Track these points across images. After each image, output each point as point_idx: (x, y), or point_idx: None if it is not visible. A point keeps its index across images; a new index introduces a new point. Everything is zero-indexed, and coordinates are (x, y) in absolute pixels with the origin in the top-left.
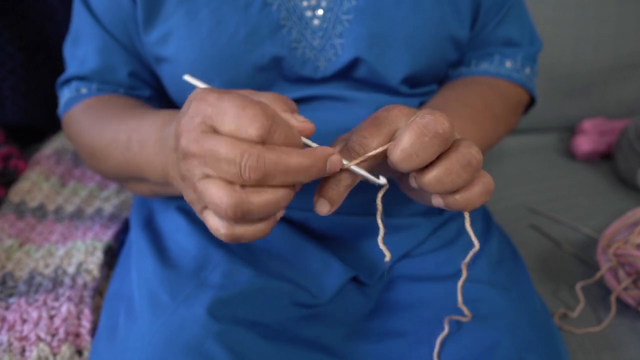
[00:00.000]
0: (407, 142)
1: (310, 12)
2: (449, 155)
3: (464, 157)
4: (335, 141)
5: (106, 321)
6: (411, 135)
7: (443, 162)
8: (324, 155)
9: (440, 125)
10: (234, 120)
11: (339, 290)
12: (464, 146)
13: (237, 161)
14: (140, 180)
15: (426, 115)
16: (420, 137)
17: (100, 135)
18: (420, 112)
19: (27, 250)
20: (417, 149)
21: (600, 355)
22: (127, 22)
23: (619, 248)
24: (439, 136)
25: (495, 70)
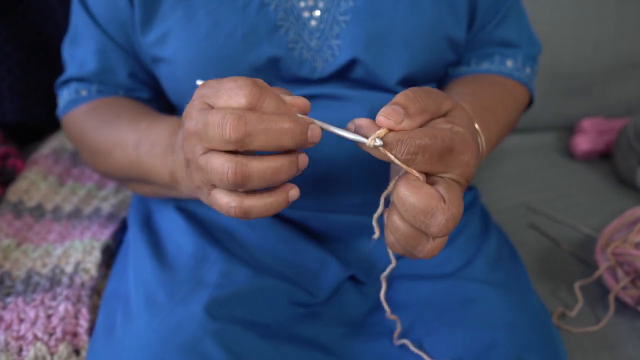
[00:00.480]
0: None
1: (307, 13)
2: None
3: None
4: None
5: (103, 320)
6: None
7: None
8: (305, 122)
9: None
10: (227, 93)
11: (337, 289)
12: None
13: (219, 123)
14: (144, 181)
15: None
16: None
17: (106, 137)
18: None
19: (25, 250)
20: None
21: (599, 354)
22: (125, 23)
23: (617, 247)
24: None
25: (497, 69)
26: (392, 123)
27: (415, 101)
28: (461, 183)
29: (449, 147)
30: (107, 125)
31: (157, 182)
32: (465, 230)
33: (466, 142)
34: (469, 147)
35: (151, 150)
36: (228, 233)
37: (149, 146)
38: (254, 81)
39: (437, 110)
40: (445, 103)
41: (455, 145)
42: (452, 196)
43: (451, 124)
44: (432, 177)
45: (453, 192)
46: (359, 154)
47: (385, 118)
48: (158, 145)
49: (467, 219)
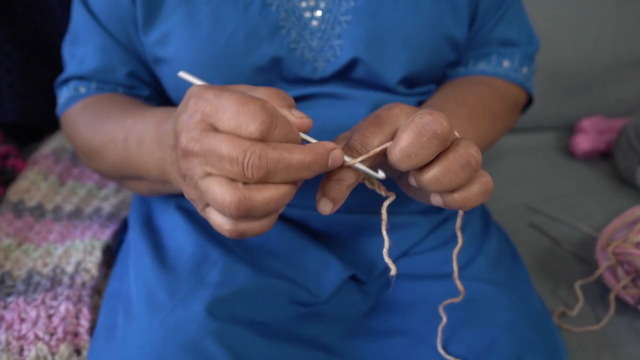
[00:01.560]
0: (406, 142)
1: (309, 13)
2: (448, 155)
3: (462, 157)
4: (336, 139)
5: (104, 320)
6: (410, 135)
7: (442, 162)
8: (326, 151)
9: (439, 125)
10: (234, 118)
11: (338, 289)
12: (463, 146)
13: (240, 160)
14: (138, 178)
15: (425, 115)
16: (418, 137)
17: (97, 134)
18: (420, 112)
19: (26, 250)
20: (416, 148)
21: (600, 353)
22: (126, 22)
23: (618, 246)
24: (437, 136)
25: (492, 70)
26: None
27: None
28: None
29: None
30: (98, 123)
31: (148, 177)
32: (466, 229)
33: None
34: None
35: (139, 148)
36: None
37: (136, 144)
38: (264, 107)
39: (394, 129)
40: (398, 117)
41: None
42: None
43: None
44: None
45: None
46: None
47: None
48: (144, 142)
49: (467, 219)
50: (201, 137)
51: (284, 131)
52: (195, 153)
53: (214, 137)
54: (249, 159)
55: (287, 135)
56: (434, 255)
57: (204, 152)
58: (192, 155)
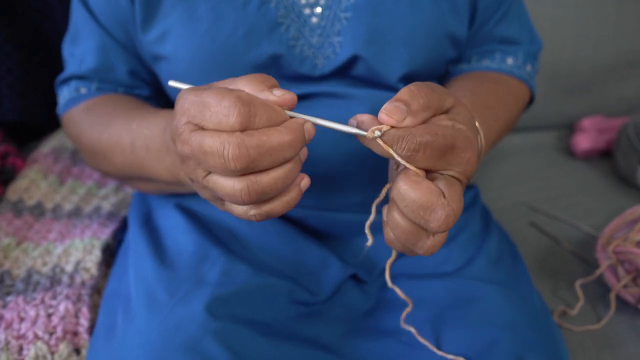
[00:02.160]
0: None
1: (308, 10)
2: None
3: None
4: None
5: (104, 319)
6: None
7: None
8: (299, 126)
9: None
10: (215, 115)
11: (338, 288)
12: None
13: (220, 152)
14: (147, 179)
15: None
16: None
17: (103, 137)
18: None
19: (25, 249)
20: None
21: (600, 353)
22: (125, 21)
23: (618, 245)
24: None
25: (497, 66)
26: (394, 121)
27: (418, 97)
28: (461, 180)
29: (450, 144)
30: (104, 125)
31: (159, 180)
32: (466, 229)
33: (468, 139)
34: (471, 145)
35: (147, 152)
36: (229, 231)
37: (143, 149)
38: (240, 98)
39: (440, 106)
40: (448, 100)
41: (457, 142)
42: (452, 192)
43: (453, 121)
44: (432, 173)
45: (453, 188)
46: (360, 153)
47: (387, 116)
48: (152, 148)
49: (467, 218)
50: (189, 138)
51: (266, 115)
52: (189, 155)
53: (198, 136)
54: (228, 150)
55: (270, 118)
56: (434, 254)
57: (193, 153)
58: (187, 158)
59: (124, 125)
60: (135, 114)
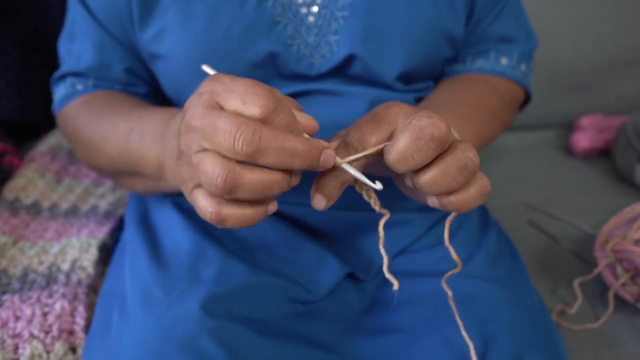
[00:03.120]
0: (403, 145)
1: (305, 9)
2: (446, 158)
3: (460, 160)
4: (334, 136)
5: (100, 318)
6: (407, 137)
7: (439, 165)
8: (319, 146)
9: (437, 129)
10: (240, 97)
11: (335, 287)
12: (461, 149)
13: (233, 133)
14: (134, 174)
15: (423, 117)
16: (416, 140)
17: (98, 129)
18: (418, 115)
19: (21, 247)
20: (413, 151)
21: (599, 351)
22: (122, 18)
23: (617, 244)
24: (435, 140)
25: (490, 67)
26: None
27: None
28: (427, 116)
29: (374, 115)
30: (100, 118)
31: (144, 172)
32: (465, 227)
33: (383, 106)
34: (388, 104)
35: (141, 138)
36: (225, 230)
37: (139, 135)
38: (272, 91)
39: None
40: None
41: (379, 111)
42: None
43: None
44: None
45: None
46: None
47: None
48: (148, 134)
49: (466, 216)
50: (204, 113)
51: (287, 120)
52: (196, 128)
53: (216, 113)
54: (242, 132)
55: (289, 125)
56: (432, 252)
57: (203, 127)
58: (193, 130)
59: (122, 116)
60: (137, 107)
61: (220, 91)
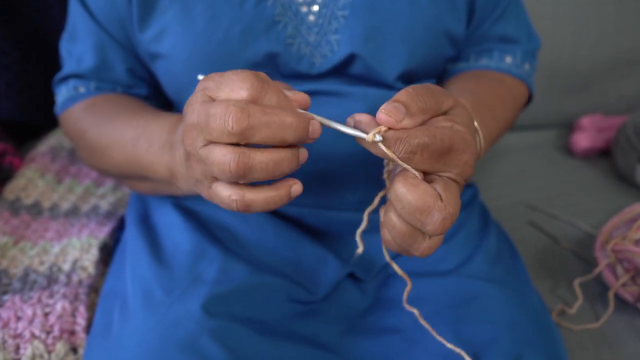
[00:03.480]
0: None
1: (305, 8)
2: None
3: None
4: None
5: (101, 318)
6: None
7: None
8: (306, 117)
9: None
10: (228, 85)
11: (336, 287)
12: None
13: (222, 115)
14: (143, 178)
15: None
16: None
17: (105, 132)
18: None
19: (22, 248)
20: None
21: (599, 351)
22: (123, 19)
23: (617, 244)
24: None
25: (495, 65)
26: (393, 121)
27: (417, 99)
28: (459, 182)
29: (448, 146)
30: (105, 122)
31: (155, 178)
32: (465, 227)
33: (466, 141)
34: (468, 147)
35: (149, 147)
36: (226, 230)
37: (146, 143)
38: (256, 74)
39: (439, 108)
40: (447, 101)
41: (454, 144)
42: (449, 195)
43: (452, 122)
44: (429, 175)
45: (450, 191)
46: (358, 151)
47: (385, 115)
48: (156, 143)
49: (466, 216)
50: (199, 108)
51: (276, 97)
52: (194, 124)
53: (210, 104)
54: (231, 112)
55: (279, 102)
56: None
57: (199, 119)
58: (192, 127)
59: (129, 122)
60: (141, 111)
61: (212, 86)
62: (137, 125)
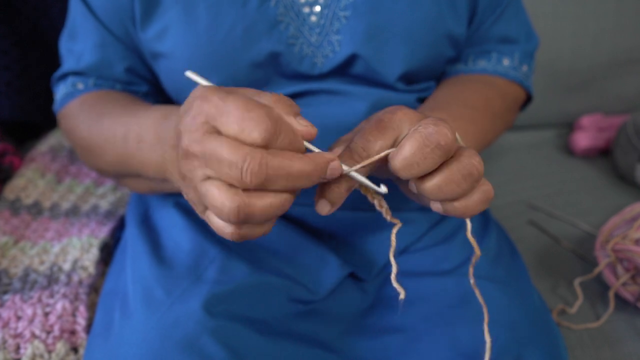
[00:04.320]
0: (409, 152)
1: (307, 9)
2: (451, 165)
3: (465, 167)
4: (337, 142)
5: (101, 318)
6: (413, 145)
7: (444, 172)
8: (325, 161)
9: (443, 137)
10: (238, 123)
11: (336, 286)
12: (466, 156)
13: (239, 165)
14: (137, 176)
15: (429, 125)
16: (422, 148)
17: (96, 131)
18: (424, 121)
19: (22, 247)
20: (419, 158)
21: (599, 351)
22: (124, 17)
23: (617, 243)
24: (441, 147)
25: (492, 68)
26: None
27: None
28: (434, 123)
29: (378, 121)
30: (98, 120)
31: (147, 176)
32: (465, 226)
33: (389, 110)
34: (394, 108)
35: (138, 145)
36: None
37: (136, 140)
38: (269, 114)
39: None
40: (403, 127)
41: (382, 117)
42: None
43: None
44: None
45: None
46: None
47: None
48: (144, 141)
49: None
50: (203, 139)
51: (288, 139)
52: (196, 155)
53: (215, 140)
54: (249, 164)
55: (291, 143)
56: (433, 252)
57: (204, 155)
58: (193, 156)
59: (118, 119)
60: (130, 108)
61: (215, 114)
62: (124, 122)
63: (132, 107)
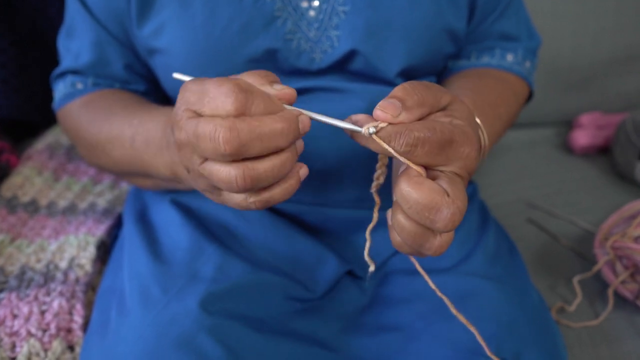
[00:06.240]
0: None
1: (306, 3)
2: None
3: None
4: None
5: (98, 316)
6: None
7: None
8: (293, 116)
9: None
10: (212, 100)
11: (334, 284)
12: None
13: (211, 136)
14: (145, 176)
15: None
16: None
17: (102, 131)
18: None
19: (19, 245)
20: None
21: (598, 348)
22: (121, 15)
23: (616, 241)
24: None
25: (497, 63)
26: (390, 116)
27: (413, 94)
28: (463, 176)
29: (448, 139)
30: (103, 120)
31: (158, 177)
32: (464, 224)
33: (466, 134)
34: (469, 139)
35: (147, 147)
36: (224, 227)
37: (143, 144)
38: (238, 85)
39: (436, 103)
40: (444, 97)
41: (455, 137)
42: (455, 189)
43: (450, 117)
44: (433, 171)
45: (456, 185)
46: (356, 149)
47: (382, 112)
48: (152, 143)
49: (465, 214)
50: (185, 124)
51: (263, 105)
52: (185, 142)
53: (194, 121)
54: (219, 133)
55: (267, 108)
56: None
57: (188, 139)
58: (184, 145)
59: (124, 120)
60: (136, 108)
61: (193, 100)
62: (131, 124)
63: (139, 109)
